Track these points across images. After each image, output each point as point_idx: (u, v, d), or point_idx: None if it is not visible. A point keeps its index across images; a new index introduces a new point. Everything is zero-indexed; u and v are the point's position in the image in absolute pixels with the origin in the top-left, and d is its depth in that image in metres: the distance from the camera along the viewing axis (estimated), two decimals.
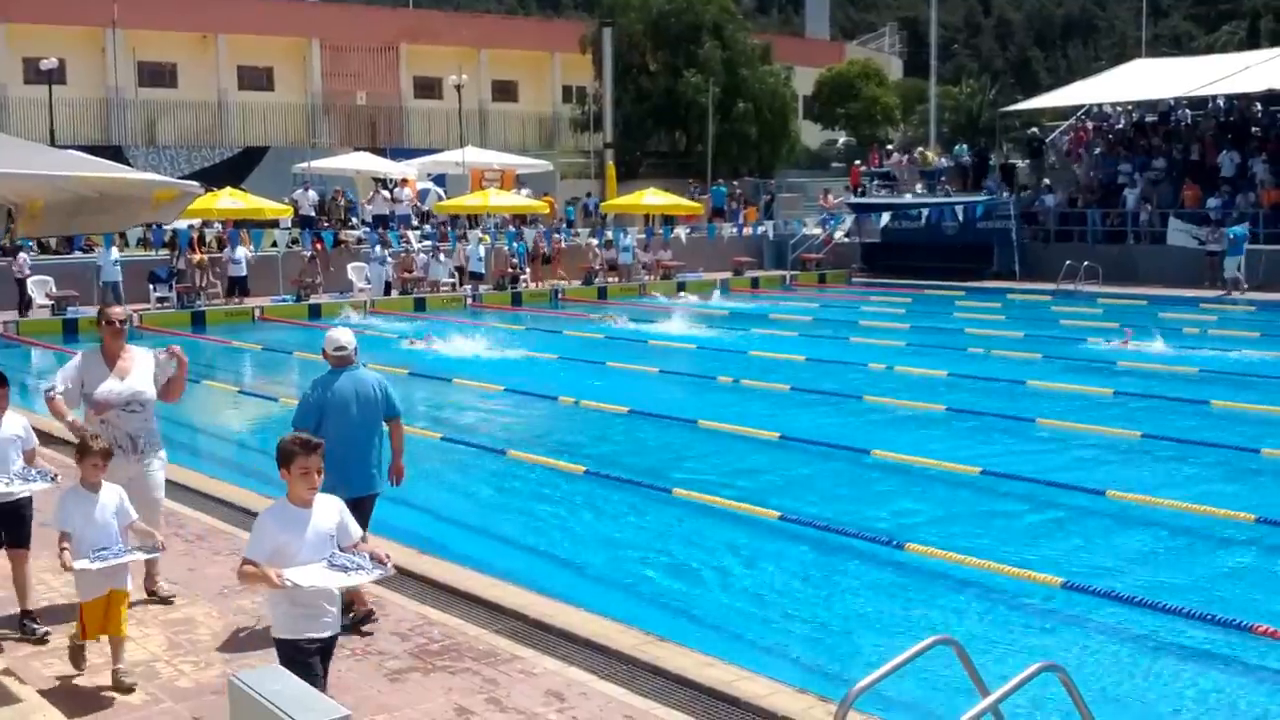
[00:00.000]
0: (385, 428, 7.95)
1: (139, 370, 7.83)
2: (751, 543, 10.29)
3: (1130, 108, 41.94)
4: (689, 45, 49.94)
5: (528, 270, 34.40)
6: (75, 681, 6.69)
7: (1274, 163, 34.46)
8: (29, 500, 7.44)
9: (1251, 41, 75.50)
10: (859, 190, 43.83)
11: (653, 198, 39.63)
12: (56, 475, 7.29)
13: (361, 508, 7.29)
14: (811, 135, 61.66)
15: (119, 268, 27.90)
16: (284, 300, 30.37)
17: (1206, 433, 13.89)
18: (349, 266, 32.10)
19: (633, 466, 12.86)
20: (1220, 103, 39.23)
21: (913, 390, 17.24)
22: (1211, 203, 33.28)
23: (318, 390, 7.72)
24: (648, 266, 36.37)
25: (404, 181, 38.79)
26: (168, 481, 11.33)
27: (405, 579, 8.52)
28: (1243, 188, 33.74)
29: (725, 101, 48.87)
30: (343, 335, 7.92)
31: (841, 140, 62.48)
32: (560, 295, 33.27)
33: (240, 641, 7.29)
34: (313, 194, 36.89)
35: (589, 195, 44.73)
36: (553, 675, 6.75)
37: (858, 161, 48.81)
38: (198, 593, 8.20)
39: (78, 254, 30.15)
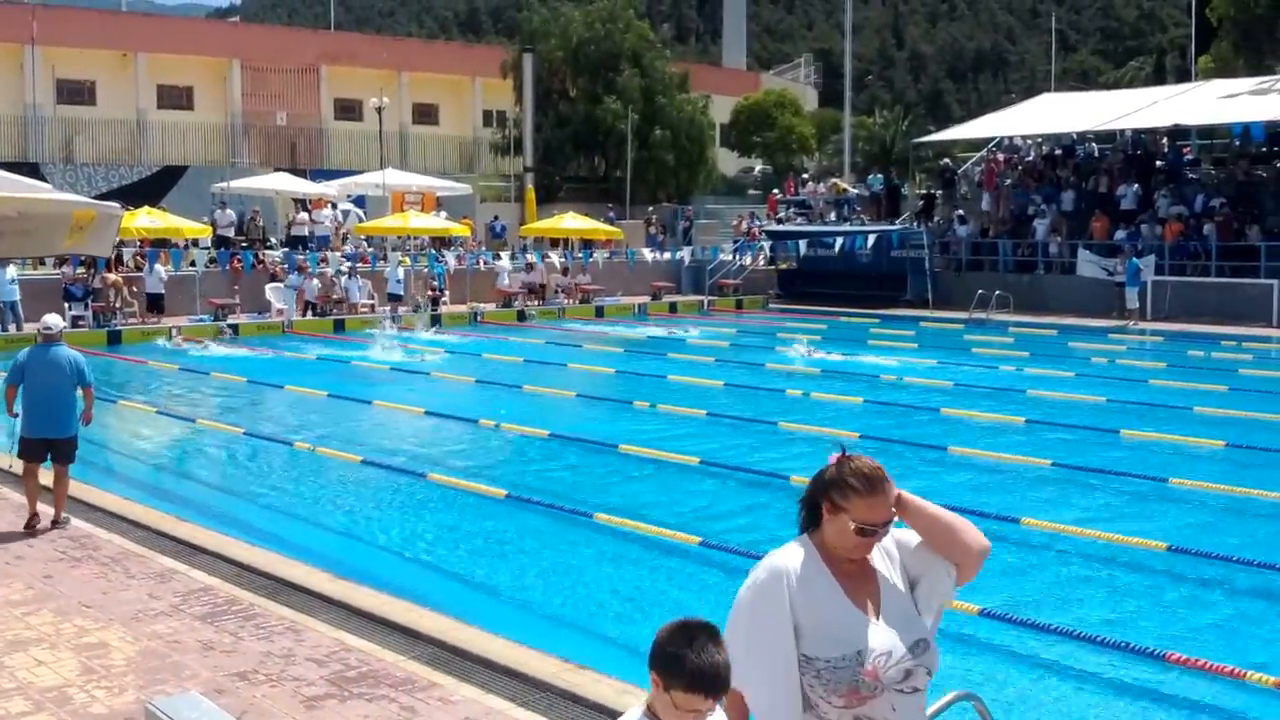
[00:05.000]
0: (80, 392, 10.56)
1: (898, 594, 3.76)
2: (670, 568, 10.32)
3: (1040, 140, 42.87)
4: (608, 72, 50.28)
5: (447, 293, 34.33)
6: None
7: (1176, 196, 35.46)
8: None
9: (1157, 77, 77.82)
10: (775, 218, 44.34)
11: (572, 221, 39.77)
12: None
13: (62, 447, 10.47)
14: (728, 163, 62.34)
15: (16, 286, 27.08)
16: (201, 320, 29.95)
17: (1116, 461, 14.13)
18: (267, 287, 31.76)
19: (553, 491, 12.85)
20: (1128, 136, 40.27)
21: (829, 416, 17.43)
22: (1119, 234, 34.13)
23: (23, 357, 10.49)
24: (566, 290, 36.42)
25: (323, 202, 38.49)
26: (80, 502, 11.17)
27: (322, 604, 8.45)
28: (1148, 220, 34.65)
29: (644, 128, 49.24)
30: (51, 319, 10.94)
31: (758, 168, 63.17)
32: (480, 318, 33.29)
33: (155, 667, 7.16)
34: (231, 214, 36.51)
35: (496, 218, 44.55)
36: (471, 703, 6.70)
37: (775, 190, 49.40)
38: (112, 616, 8.04)
39: None
